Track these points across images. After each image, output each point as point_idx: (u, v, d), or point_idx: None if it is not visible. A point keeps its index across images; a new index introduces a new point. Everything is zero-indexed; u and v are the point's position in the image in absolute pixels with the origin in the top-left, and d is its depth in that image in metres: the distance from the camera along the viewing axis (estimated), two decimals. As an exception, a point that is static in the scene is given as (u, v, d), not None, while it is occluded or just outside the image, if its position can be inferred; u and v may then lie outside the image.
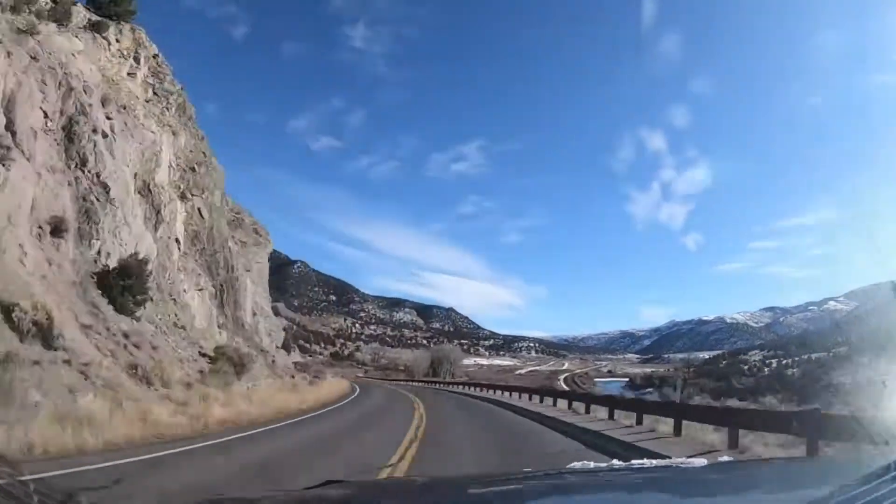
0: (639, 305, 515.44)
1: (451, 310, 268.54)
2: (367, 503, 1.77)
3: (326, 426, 14.26)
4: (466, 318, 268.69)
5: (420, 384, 61.24)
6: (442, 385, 56.77)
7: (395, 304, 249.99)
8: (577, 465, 2.06)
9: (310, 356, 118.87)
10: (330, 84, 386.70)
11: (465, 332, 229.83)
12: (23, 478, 1.08)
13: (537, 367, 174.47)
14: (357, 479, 2.74)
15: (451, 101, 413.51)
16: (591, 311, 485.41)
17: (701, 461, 2.03)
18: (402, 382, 67.88)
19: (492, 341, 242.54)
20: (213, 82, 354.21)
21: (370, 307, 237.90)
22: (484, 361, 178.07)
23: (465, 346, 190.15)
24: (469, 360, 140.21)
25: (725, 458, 2.74)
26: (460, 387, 48.14)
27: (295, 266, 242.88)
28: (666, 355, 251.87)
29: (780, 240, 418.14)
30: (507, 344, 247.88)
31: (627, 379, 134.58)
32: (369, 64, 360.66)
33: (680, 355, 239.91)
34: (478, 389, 41.21)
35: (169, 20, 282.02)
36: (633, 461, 2.17)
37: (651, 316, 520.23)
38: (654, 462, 2.18)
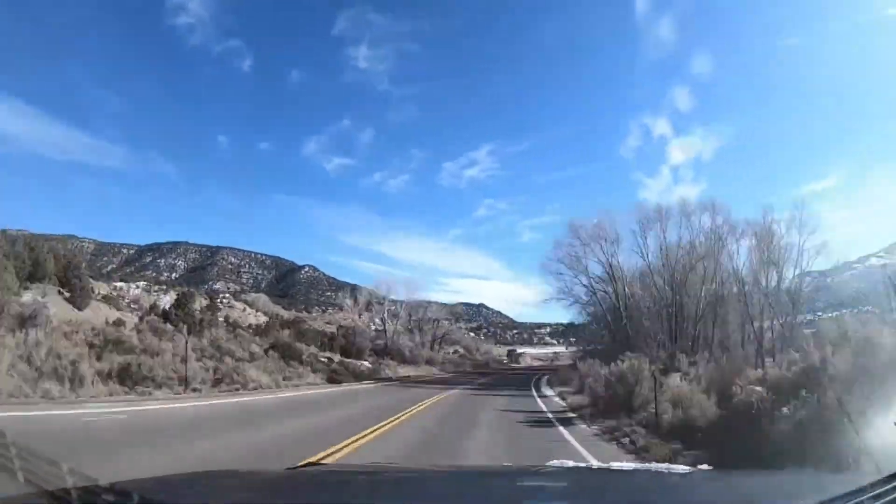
0: None
1: (481, 305, 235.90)
2: (342, 484, 1.79)
3: None
4: (499, 312, 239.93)
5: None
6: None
7: (422, 305, 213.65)
8: (555, 462, 2.13)
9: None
10: (338, 106, 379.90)
11: (506, 325, 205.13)
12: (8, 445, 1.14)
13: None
14: (336, 463, 3.04)
15: (457, 110, 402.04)
16: None
17: (683, 468, 2.06)
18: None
19: (549, 329, 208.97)
20: (223, 116, 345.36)
21: (394, 308, 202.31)
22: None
23: (524, 338, 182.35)
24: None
25: (706, 467, 2.53)
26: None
27: (303, 271, 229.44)
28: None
29: (792, 210, 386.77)
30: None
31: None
32: (375, 82, 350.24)
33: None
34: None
35: (175, 58, 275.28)
36: (612, 463, 2.30)
37: None
38: (633, 465, 2.26)
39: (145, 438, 8.62)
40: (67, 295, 34.04)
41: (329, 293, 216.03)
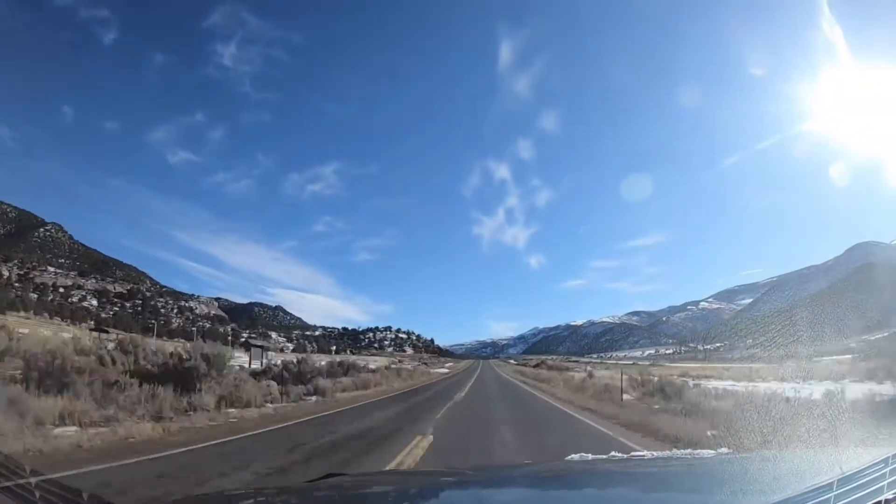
0: (487, 321, 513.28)
1: (278, 308, 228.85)
2: (366, 495, 1.78)
3: None
4: (298, 318, 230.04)
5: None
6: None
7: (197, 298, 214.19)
8: (575, 456, 2.18)
9: None
10: (194, 99, 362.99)
11: (298, 326, 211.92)
12: (27, 479, 1.16)
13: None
14: (357, 472, 2.78)
15: (312, 125, 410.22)
16: (439, 328, 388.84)
17: (707, 452, 2.19)
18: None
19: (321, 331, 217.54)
20: (74, 85, 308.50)
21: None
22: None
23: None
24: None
25: (725, 450, 2.68)
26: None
27: (44, 229, 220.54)
28: (597, 355, 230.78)
29: (619, 259, 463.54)
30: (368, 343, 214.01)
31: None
32: (236, 82, 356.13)
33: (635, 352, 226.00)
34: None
35: (32, 13, 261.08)
36: (633, 453, 2.31)
37: (499, 330, 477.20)
38: (655, 454, 2.27)
39: None
40: None
41: (65, 259, 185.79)
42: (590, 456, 2.19)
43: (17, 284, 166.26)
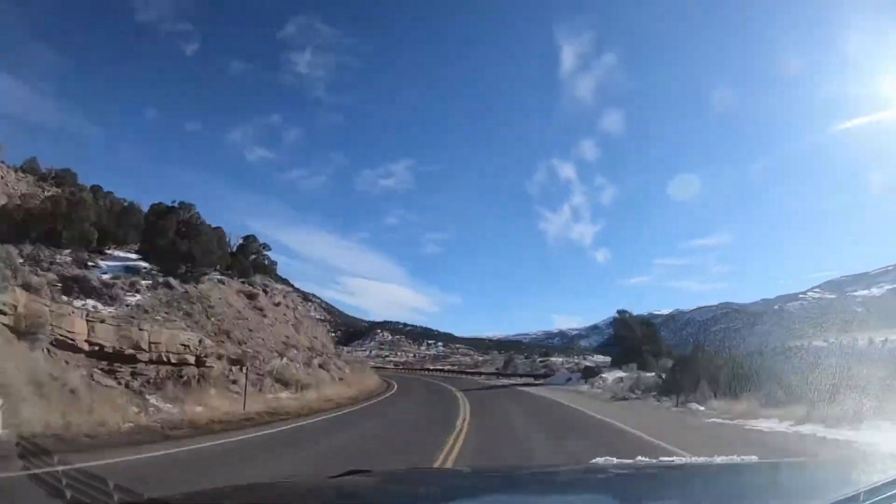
0: (550, 314, 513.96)
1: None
2: (389, 492, 1.80)
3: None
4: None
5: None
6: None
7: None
8: (600, 460, 2.18)
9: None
10: (271, 103, 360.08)
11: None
12: (55, 468, 1.15)
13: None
14: (381, 469, 2.94)
15: (383, 125, 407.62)
16: (502, 318, 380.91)
17: (735, 459, 2.19)
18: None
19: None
20: (158, 91, 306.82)
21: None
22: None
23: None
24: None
25: (754, 458, 2.44)
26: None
27: None
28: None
29: (685, 258, 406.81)
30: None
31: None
32: (311, 87, 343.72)
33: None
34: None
35: (119, 33, 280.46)
36: (662, 458, 2.27)
37: (564, 321, 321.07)
38: (682, 459, 2.24)
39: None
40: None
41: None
42: (615, 460, 2.17)
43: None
